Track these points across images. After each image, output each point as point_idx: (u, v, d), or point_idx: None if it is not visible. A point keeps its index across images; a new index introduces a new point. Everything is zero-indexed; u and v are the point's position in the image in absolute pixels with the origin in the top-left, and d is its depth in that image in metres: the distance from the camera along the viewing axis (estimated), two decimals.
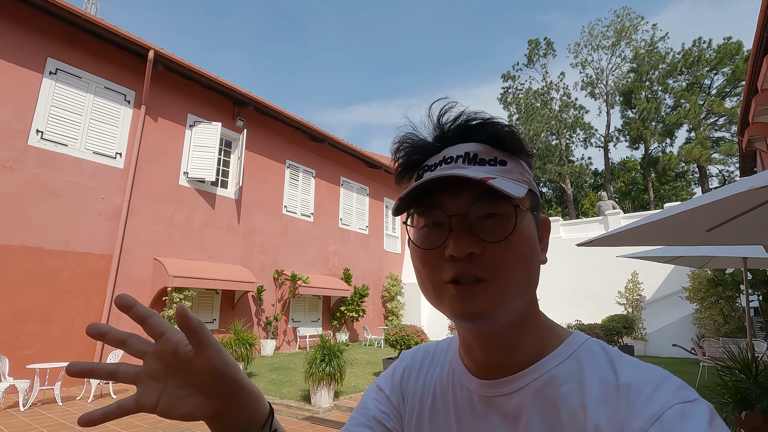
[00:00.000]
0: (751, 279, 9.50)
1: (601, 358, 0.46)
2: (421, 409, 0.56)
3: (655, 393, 0.39)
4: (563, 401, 0.44)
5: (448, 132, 0.51)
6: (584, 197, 35.32)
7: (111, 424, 5.19)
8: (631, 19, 30.03)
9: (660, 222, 2.33)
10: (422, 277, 0.48)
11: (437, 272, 0.46)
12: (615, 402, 0.40)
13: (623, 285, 12.78)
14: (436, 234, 0.46)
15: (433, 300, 0.48)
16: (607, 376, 0.43)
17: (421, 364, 0.61)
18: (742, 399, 3.22)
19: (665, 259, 6.01)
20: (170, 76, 9.61)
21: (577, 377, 0.45)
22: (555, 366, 0.47)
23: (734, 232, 2.44)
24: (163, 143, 9.40)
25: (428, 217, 0.48)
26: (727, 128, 26.99)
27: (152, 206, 8.99)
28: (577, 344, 0.49)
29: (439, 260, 0.46)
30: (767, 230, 2.40)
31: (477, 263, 0.44)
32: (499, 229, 0.45)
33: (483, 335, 0.49)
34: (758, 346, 7.19)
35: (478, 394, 0.51)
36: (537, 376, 0.47)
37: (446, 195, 0.46)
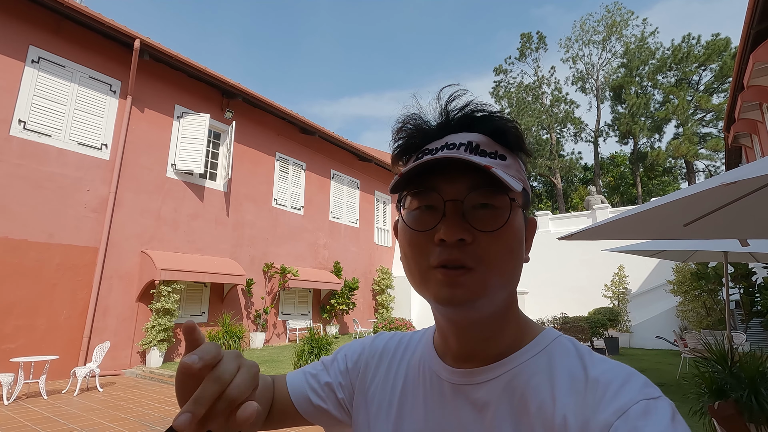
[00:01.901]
0: (732, 272, 9.71)
1: (571, 354, 0.47)
2: (391, 396, 0.56)
3: (622, 389, 0.40)
4: (532, 393, 0.44)
5: (452, 119, 0.51)
6: (574, 191, 35.67)
7: (98, 415, 5.17)
8: (622, 14, 30.18)
9: (639, 216, 2.37)
10: (408, 260, 0.48)
11: (425, 256, 0.46)
12: (583, 395, 0.41)
13: (610, 278, 13.00)
14: (428, 217, 0.46)
15: (417, 283, 0.48)
16: (577, 370, 0.44)
17: (395, 350, 0.61)
18: (717, 389, 3.31)
19: (649, 253, 6.11)
20: (157, 66, 9.45)
21: (547, 371, 0.46)
22: (527, 359, 0.48)
23: (711, 227, 2.49)
24: (150, 135, 9.27)
25: (422, 199, 0.47)
26: (714, 124, 27.39)
27: (139, 198, 8.89)
28: (549, 339, 0.50)
29: (428, 244, 0.46)
30: (742, 225, 2.46)
31: (466, 251, 0.44)
32: (492, 220, 0.45)
33: (461, 324, 0.49)
34: (737, 337, 7.37)
35: (448, 381, 0.51)
36: (508, 369, 0.48)
37: (444, 179, 0.46)
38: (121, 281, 8.36)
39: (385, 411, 0.56)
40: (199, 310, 9.86)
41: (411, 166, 0.45)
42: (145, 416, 5.22)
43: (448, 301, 0.45)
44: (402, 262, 0.50)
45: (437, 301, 0.46)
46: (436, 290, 0.45)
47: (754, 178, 1.85)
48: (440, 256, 0.45)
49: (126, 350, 8.29)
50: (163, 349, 8.36)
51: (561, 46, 32.74)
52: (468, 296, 0.44)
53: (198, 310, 9.82)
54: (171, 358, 8.89)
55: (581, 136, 32.88)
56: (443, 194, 0.45)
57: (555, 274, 15.43)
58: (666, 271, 12.56)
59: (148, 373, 7.80)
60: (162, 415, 5.25)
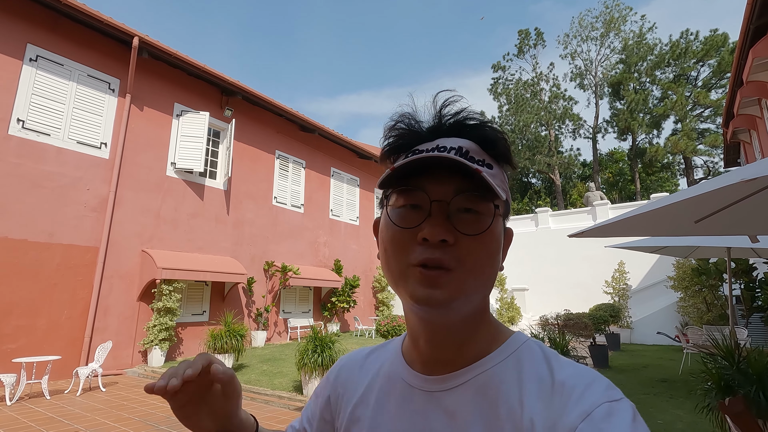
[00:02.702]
0: (734, 268, 9.73)
1: (538, 357, 0.48)
2: (358, 405, 0.56)
3: (586, 392, 0.41)
4: (502, 397, 0.45)
5: (444, 124, 0.52)
6: (572, 188, 35.69)
7: (102, 415, 5.16)
8: (620, 10, 30.14)
9: (650, 213, 2.36)
10: (388, 257, 0.49)
11: (405, 254, 0.46)
12: (550, 399, 0.42)
13: (610, 275, 13.02)
14: (413, 215, 0.47)
15: (394, 281, 0.48)
16: (544, 374, 0.45)
17: (362, 363, 0.62)
18: (725, 385, 3.31)
19: (652, 249, 6.12)
20: (156, 64, 9.39)
21: (516, 375, 0.47)
22: (497, 364, 0.48)
23: (722, 223, 2.48)
24: (150, 133, 9.22)
25: (408, 198, 0.48)
26: (713, 120, 27.42)
27: (139, 197, 8.84)
28: (518, 343, 0.50)
29: (410, 242, 0.46)
30: (753, 221, 2.46)
31: (447, 252, 0.45)
32: (475, 224, 0.46)
33: (436, 326, 0.49)
34: (739, 333, 7.40)
35: (419, 389, 0.51)
36: (479, 373, 0.48)
37: (431, 180, 0.47)
38: (121, 281, 8.32)
39: (358, 428, 0.56)
40: (201, 309, 9.84)
41: (404, 161, 0.45)
42: (149, 416, 5.20)
43: (425, 301, 0.45)
44: (381, 259, 0.51)
45: (414, 300, 0.46)
46: (414, 289, 0.45)
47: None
48: (421, 254, 0.45)
49: (128, 350, 8.27)
50: (165, 349, 8.34)
51: (559, 42, 32.67)
52: (445, 297, 0.45)
53: (199, 309, 9.80)
54: (173, 357, 8.87)
55: (580, 132, 32.88)
56: (430, 194, 0.46)
57: (556, 271, 15.45)
58: (666, 267, 12.59)
59: (150, 373, 7.78)
60: (166, 415, 5.23)
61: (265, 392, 6.31)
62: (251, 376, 7.28)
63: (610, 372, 7.58)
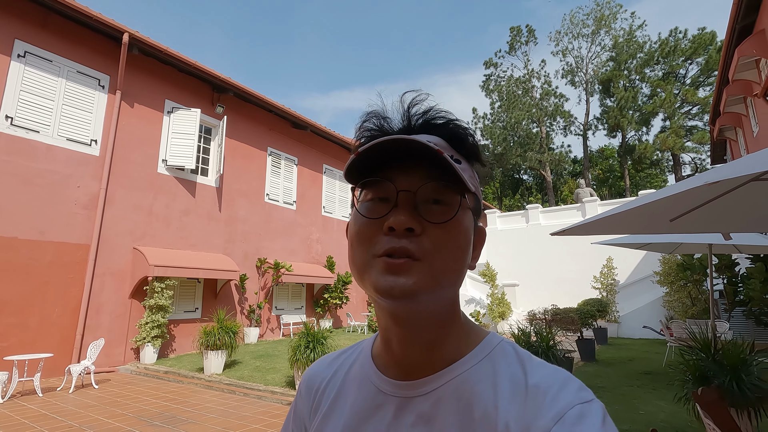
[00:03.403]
0: (717, 263, 9.97)
1: (512, 359, 0.48)
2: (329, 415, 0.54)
3: (559, 394, 0.41)
4: (476, 400, 0.45)
5: (414, 124, 0.51)
6: (563, 184, 36.06)
7: (96, 412, 5.20)
8: (611, 7, 30.37)
9: (629, 212, 2.47)
10: (353, 250, 0.48)
11: (370, 245, 0.46)
12: (524, 401, 0.43)
13: (599, 270, 13.25)
14: (380, 207, 0.46)
15: (358, 274, 0.47)
16: (517, 376, 0.45)
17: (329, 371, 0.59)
18: (701, 376, 3.45)
19: (637, 245, 6.27)
20: (147, 61, 9.34)
21: (490, 377, 0.46)
22: (471, 366, 0.48)
23: (696, 221, 2.60)
24: (141, 130, 9.18)
25: (376, 190, 0.48)
26: (700, 117, 27.84)
27: (130, 195, 8.82)
28: (492, 345, 0.50)
29: (376, 234, 0.46)
30: (725, 219, 2.58)
31: (413, 241, 0.44)
32: (442, 214, 0.46)
33: (404, 322, 0.47)
34: (721, 326, 7.61)
35: (391, 395, 0.50)
36: (454, 376, 0.47)
37: (398, 171, 0.47)
38: (113, 278, 8.32)
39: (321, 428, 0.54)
40: (193, 306, 9.86)
41: (368, 145, 0.45)
42: (143, 412, 5.25)
43: (388, 291, 0.43)
44: (348, 254, 0.49)
45: (377, 291, 0.44)
46: (377, 279, 0.44)
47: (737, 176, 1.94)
48: (387, 245, 0.44)
49: (120, 347, 8.28)
50: (158, 345, 8.37)
51: (551, 39, 32.87)
52: (410, 287, 0.43)
53: (191, 306, 9.82)
54: (165, 354, 8.89)
55: (570, 129, 33.20)
56: (397, 184, 0.46)
57: (546, 266, 15.68)
58: (653, 263, 12.84)
59: (143, 370, 7.81)
60: (160, 411, 5.29)
61: (258, 388, 6.39)
62: (244, 372, 7.34)
63: (596, 365, 7.77)
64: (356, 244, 0.47)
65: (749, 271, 8.98)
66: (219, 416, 5.11)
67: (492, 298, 13.58)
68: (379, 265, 0.45)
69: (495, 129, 32.35)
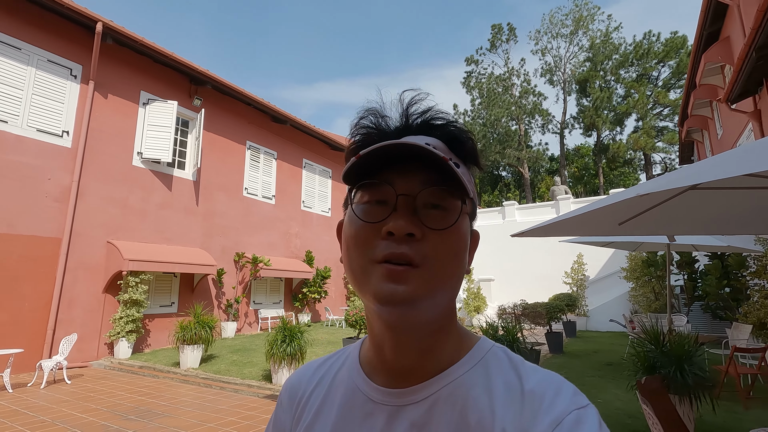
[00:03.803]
0: (678, 260, 10.50)
1: (505, 364, 0.47)
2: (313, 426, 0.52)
3: (556, 399, 0.41)
4: (472, 406, 0.44)
5: (412, 123, 0.50)
6: (541, 181, 36.84)
7: (69, 407, 5.18)
8: (589, 9, 31.04)
9: (582, 216, 2.67)
10: (350, 254, 0.46)
11: (369, 250, 0.44)
12: (520, 407, 0.42)
13: (570, 266, 13.73)
14: (378, 211, 0.45)
15: (357, 280, 0.46)
16: (513, 381, 0.45)
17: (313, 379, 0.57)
18: (650, 366, 3.73)
19: (602, 243, 6.58)
20: (121, 51, 9.15)
21: (484, 383, 0.46)
22: (465, 372, 0.47)
23: (643, 225, 2.83)
24: (115, 122, 9.01)
25: (374, 193, 0.46)
26: (671, 118, 28.87)
27: (104, 187, 8.67)
28: (484, 350, 0.49)
29: (374, 238, 0.44)
30: (667, 224, 2.81)
31: (413, 247, 0.43)
32: (442, 220, 0.45)
33: (401, 329, 0.46)
34: (679, 320, 8.05)
35: (382, 404, 0.48)
36: (448, 382, 0.46)
37: (397, 174, 0.45)
38: (86, 272, 8.19)
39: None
40: (169, 300, 9.79)
41: (370, 149, 0.43)
42: (117, 406, 5.27)
43: (389, 299, 0.42)
44: (343, 259, 0.48)
45: (377, 299, 0.43)
46: (378, 286, 0.43)
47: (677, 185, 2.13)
48: (386, 249, 0.43)
49: (93, 342, 8.19)
50: (132, 340, 8.31)
51: (531, 38, 33.37)
52: (410, 294, 0.42)
53: (167, 301, 9.76)
54: (140, 349, 8.84)
55: (548, 127, 33.92)
56: (396, 188, 0.44)
57: (521, 262, 16.12)
58: (621, 259, 13.38)
59: (117, 365, 7.76)
60: (134, 405, 5.31)
61: (234, 381, 6.46)
62: (221, 366, 7.39)
63: (564, 357, 8.13)
64: (353, 247, 0.46)
65: (707, 267, 9.51)
66: (195, 409, 5.18)
67: (468, 292, 13.91)
68: (378, 271, 0.43)
69: (475, 125, 32.76)
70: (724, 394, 5.17)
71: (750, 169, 1.72)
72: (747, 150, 2.06)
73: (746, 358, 5.77)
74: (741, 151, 2.06)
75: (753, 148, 2.05)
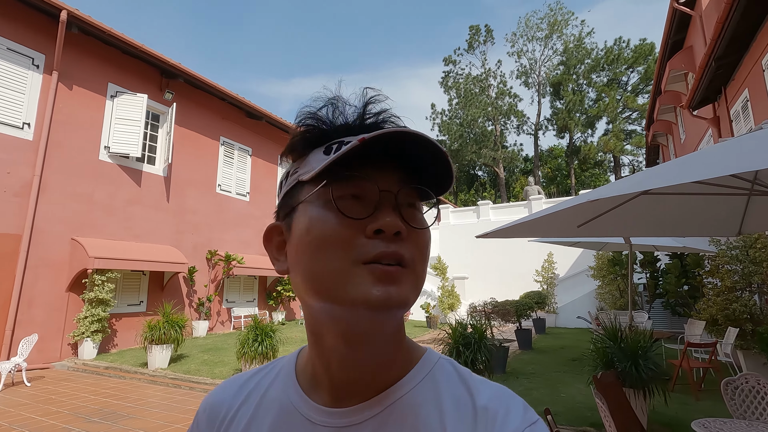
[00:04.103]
0: (642, 259, 10.95)
1: (454, 378, 0.46)
2: None
3: (507, 417, 0.40)
4: (422, 425, 0.41)
5: (366, 123, 0.46)
6: (515, 181, 37.60)
7: (28, 410, 5.00)
8: (563, 13, 31.85)
9: (542, 218, 2.77)
10: (321, 258, 0.40)
11: (350, 250, 0.40)
12: (473, 425, 0.41)
13: (541, 265, 14.12)
14: (357, 207, 0.41)
15: (328, 287, 0.40)
16: (463, 397, 0.43)
17: (238, 397, 0.51)
18: (607, 362, 3.90)
19: (569, 243, 6.81)
20: (88, 41, 8.81)
21: (434, 398, 0.43)
22: (414, 387, 0.44)
23: (601, 227, 2.97)
24: (81, 114, 8.68)
25: (351, 187, 0.41)
26: (639, 122, 29.99)
27: (68, 182, 8.36)
28: (431, 363, 0.47)
29: (356, 237, 0.40)
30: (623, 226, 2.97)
31: (402, 247, 0.40)
32: (421, 219, 0.44)
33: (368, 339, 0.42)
34: (640, 316, 8.42)
35: (323, 425, 0.44)
36: (395, 400, 0.43)
37: (374, 169, 0.42)
38: (48, 270, 7.89)
39: None
40: (137, 299, 9.54)
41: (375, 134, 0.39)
42: (79, 409, 5.12)
43: (384, 303, 0.38)
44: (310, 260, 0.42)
45: (368, 304, 0.39)
46: (366, 290, 0.39)
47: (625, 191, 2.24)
48: (376, 248, 0.39)
49: (56, 342, 7.90)
50: (98, 340, 8.07)
51: (507, 40, 34.00)
52: (404, 296, 0.40)
53: (136, 300, 9.50)
54: (106, 350, 8.58)
55: (523, 128, 34.68)
56: (378, 183, 0.41)
57: (494, 261, 16.45)
58: (589, 258, 13.85)
59: (81, 366, 7.52)
60: (99, 407, 5.17)
61: (204, 381, 6.37)
62: (191, 366, 7.26)
63: (532, 353, 8.37)
64: (329, 248, 0.40)
65: (667, 266, 9.96)
66: (162, 410, 5.08)
67: (442, 290, 14.10)
68: (365, 274, 0.39)
69: (452, 125, 33.16)
70: (678, 386, 5.46)
71: (693, 177, 1.84)
72: (693, 158, 2.19)
73: (699, 352, 6.10)
74: (688, 159, 2.20)
75: (698, 157, 2.19)
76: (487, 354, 4.43)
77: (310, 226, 0.42)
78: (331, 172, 0.41)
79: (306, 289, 0.43)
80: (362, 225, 0.40)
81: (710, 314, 6.21)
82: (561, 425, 4.05)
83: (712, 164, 1.92)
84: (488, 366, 4.43)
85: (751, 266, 6.06)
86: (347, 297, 0.39)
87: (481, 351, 4.40)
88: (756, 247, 6.07)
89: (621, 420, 2.78)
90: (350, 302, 0.39)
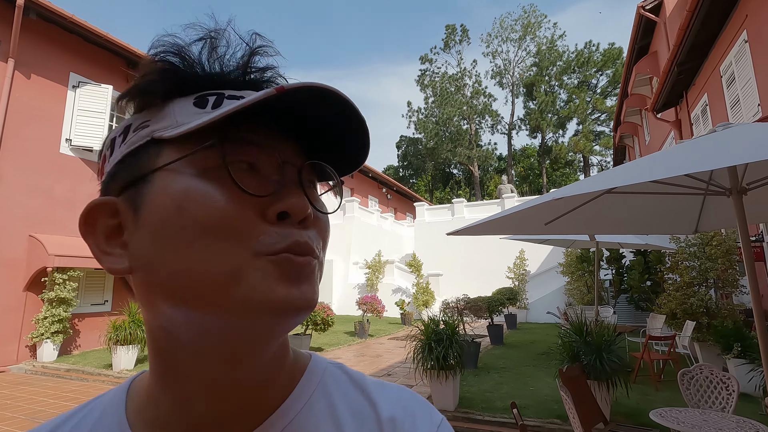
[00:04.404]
0: (608, 256, 11.36)
1: (347, 386, 0.40)
2: None
3: (415, 425, 0.37)
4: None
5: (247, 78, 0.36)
6: (489, 179, 38.29)
7: None
8: (536, 16, 32.57)
9: (511, 216, 2.83)
10: (210, 246, 0.29)
11: (249, 238, 0.30)
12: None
13: (513, 262, 14.44)
14: (255, 181, 0.31)
15: (222, 285, 0.29)
16: (362, 408, 0.38)
17: None
18: (573, 355, 4.03)
19: (538, 240, 6.98)
20: (48, 28, 8.37)
21: (329, 414, 0.36)
22: (304, 404, 0.36)
23: (567, 225, 3.06)
24: (39, 104, 8.25)
25: (245, 153, 0.32)
26: (607, 124, 31.07)
27: (25, 176, 7.93)
28: (320, 372, 0.40)
29: (251, 221, 0.30)
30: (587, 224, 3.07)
31: (311, 235, 0.33)
32: (322, 203, 0.36)
33: (252, 355, 0.32)
34: (605, 311, 8.73)
35: None
36: (286, 424, 0.34)
37: (270, 135, 0.33)
38: (4, 269, 7.48)
39: None
40: (102, 298, 9.17)
41: (300, 84, 0.29)
42: (37, 413, 4.89)
43: (293, 305, 0.30)
44: (158, 261, 0.31)
45: (274, 309, 0.30)
46: (271, 289, 0.30)
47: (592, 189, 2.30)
48: (286, 238, 0.31)
49: (12, 344, 7.50)
50: (59, 342, 7.71)
51: (482, 40, 34.53)
52: (315, 297, 0.32)
53: (100, 299, 9.14)
54: (68, 351, 8.22)
55: (497, 128, 35.33)
56: (281, 154, 0.33)
57: (468, 258, 16.71)
58: (558, 255, 14.26)
59: (40, 368, 7.18)
60: (58, 411, 4.95)
61: None
62: None
63: (503, 348, 8.55)
64: (216, 234, 0.29)
65: (631, 263, 10.37)
66: None
67: (417, 287, 14.21)
68: (270, 267, 0.30)
69: (428, 123, 33.42)
70: (639, 378, 5.70)
71: (652, 177, 1.91)
72: (653, 159, 2.28)
73: (659, 345, 6.38)
74: (648, 160, 2.29)
75: (658, 158, 2.28)
76: (459, 350, 4.49)
77: (184, 203, 0.30)
78: (221, 131, 0.30)
79: (167, 294, 0.31)
80: (261, 205, 0.31)
81: (670, 308, 6.50)
82: (529, 418, 4.16)
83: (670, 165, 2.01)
84: (459, 361, 4.50)
85: (707, 263, 6.38)
86: (241, 300, 0.29)
87: (453, 347, 4.46)
88: (712, 245, 6.40)
89: (584, 411, 2.87)
90: (245, 307, 0.29)
